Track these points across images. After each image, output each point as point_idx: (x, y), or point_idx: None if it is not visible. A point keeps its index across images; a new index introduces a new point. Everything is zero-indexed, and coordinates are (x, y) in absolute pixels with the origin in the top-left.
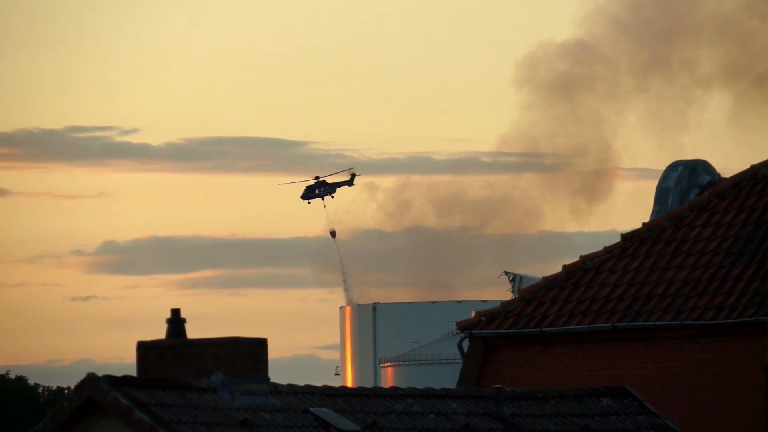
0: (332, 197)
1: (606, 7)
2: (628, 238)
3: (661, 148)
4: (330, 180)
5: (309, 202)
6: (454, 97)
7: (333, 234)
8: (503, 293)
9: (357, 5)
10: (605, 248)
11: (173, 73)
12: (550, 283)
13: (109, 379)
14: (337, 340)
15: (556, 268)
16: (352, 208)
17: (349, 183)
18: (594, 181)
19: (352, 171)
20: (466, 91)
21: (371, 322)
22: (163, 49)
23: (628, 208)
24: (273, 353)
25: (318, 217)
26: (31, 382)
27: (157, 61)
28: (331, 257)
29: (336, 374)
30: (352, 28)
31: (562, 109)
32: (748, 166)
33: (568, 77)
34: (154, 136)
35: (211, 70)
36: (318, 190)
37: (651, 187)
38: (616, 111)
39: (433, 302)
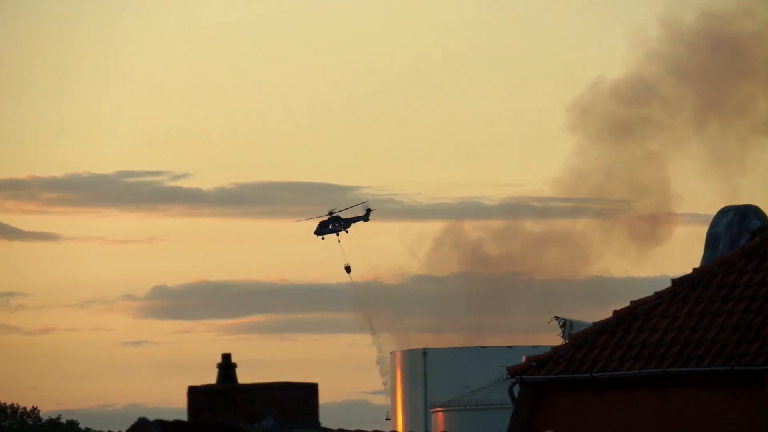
0: (346, 232)
1: (660, 50)
2: (678, 283)
3: (714, 193)
4: (344, 215)
5: (323, 238)
6: (505, 142)
7: (348, 269)
8: (554, 339)
9: (408, 51)
10: (656, 293)
11: (224, 119)
12: (600, 328)
13: (160, 423)
14: (388, 386)
15: (606, 314)
16: (402, 253)
17: (365, 218)
18: (646, 226)
19: (367, 206)
20: (517, 136)
21: (422, 367)
22: (214, 95)
23: (680, 253)
24: (323, 398)
25: (368, 262)
26: (83, 426)
27: (208, 106)
28: (381, 302)
29: (387, 419)
30: (402, 74)
31: (614, 154)
32: None
33: (621, 121)
34: (205, 181)
35: (262, 116)
36: (332, 225)
37: (703, 232)
38: (669, 155)
39: (484, 347)
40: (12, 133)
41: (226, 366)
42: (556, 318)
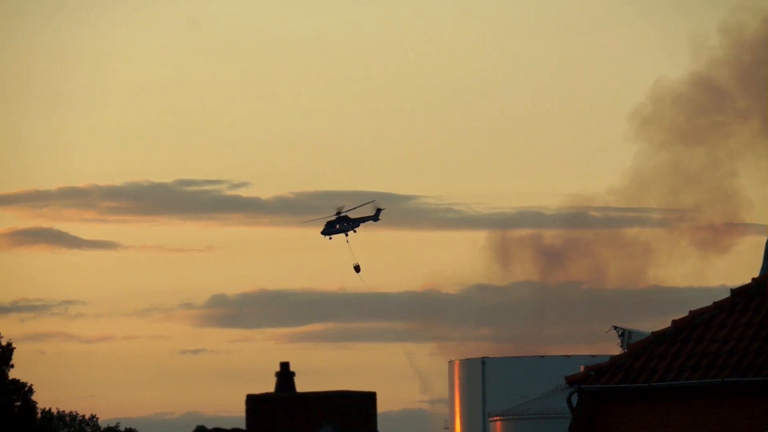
0: (354, 232)
1: (723, 57)
2: (737, 293)
3: None
4: (352, 215)
5: (330, 238)
6: (565, 150)
7: (357, 269)
8: (612, 348)
9: (468, 59)
10: (715, 303)
11: (282, 127)
12: (659, 338)
13: None
14: (446, 394)
15: (665, 323)
16: (462, 262)
17: (375, 218)
18: (707, 235)
19: (377, 205)
20: (577, 144)
21: (480, 376)
22: (273, 104)
23: (742, 262)
24: (382, 407)
25: (424, 271)
26: None
27: (267, 115)
28: (440, 311)
29: (445, 428)
30: (461, 82)
31: (676, 163)
32: None
33: (683, 129)
34: (264, 190)
35: (321, 125)
36: (339, 225)
37: (763, 241)
38: (734, 164)
39: (543, 356)
40: (72, 142)
41: (285, 374)
42: (615, 327)
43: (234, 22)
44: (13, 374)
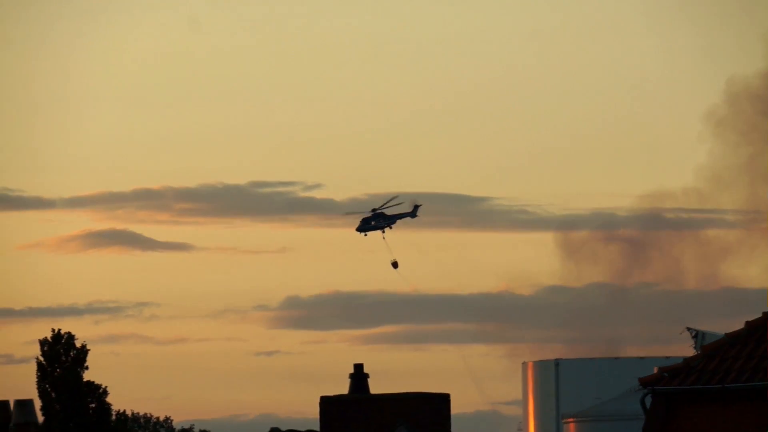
0: (390, 228)
1: None
2: None
3: None
4: (389, 212)
5: (365, 235)
6: (638, 152)
7: (395, 265)
8: (686, 349)
9: (540, 59)
10: None
11: (357, 128)
12: (732, 339)
13: None
14: (520, 396)
15: (738, 324)
16: (535, 263)
17: (412, 215)
18: None
19: (415, 202)
20: (650, 146)
21: (554, 377)
22: (347, 104)
23: None
24: (455, 408)
25: (497, 272)
26: None
27: (342, 116)
28: (513, 313)
29: (518, 430)
30: (533, 82)
31: (749, 162)
32: None
33: (759, 128)
34: (338, 191)
35: (394, 126)
36: (374, 221)
37: None
38: None
39: (616, 358)
40: (146, 144)
41: (359, 376)
42: (688, 329)
43: (315, 21)
44: (87, 376)
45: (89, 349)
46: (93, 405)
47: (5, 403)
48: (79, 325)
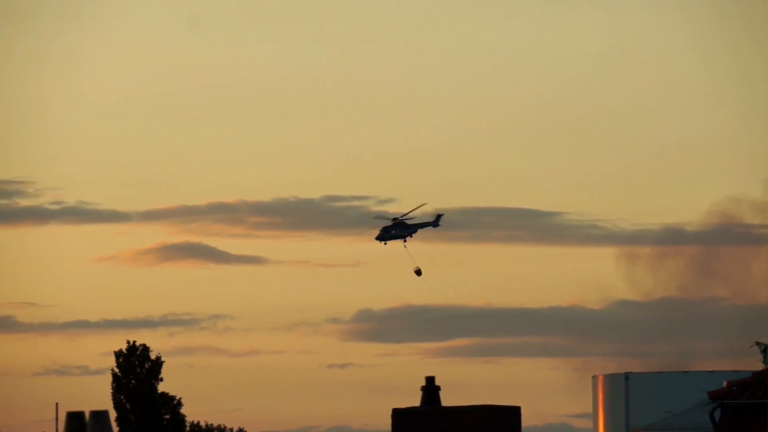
0: (411, 237)
1: None
2: None
3: None
4: (410, 221)
5: (385, 243)
6: (708, 167)
7: (418, 273)
8: (755, 364)
9: (612, 82)
10: None
11: (430, 142)
12: None
13: None
14: (590, 409)
15: None
16: (605, 278)
17: (434, 224)
18: None
19: (438, 211)
20: (720, 159)
21: (623, 391)
22: (420, 118)
23: None
24: (526, 421)
25: (568, 286)
26: None
27: (414, 130)
28: (583, 327)
29: None
30: (604, 99)
31: None
32: None
33: None
34: (410, 206)
35: (467, 140)
36: (395, 230)
37: None
38: None
39: (685, 372)
40: (221, 158)
41: (430, 389)
42: (758, 343)
43: (390, 37)
44: (162, 387)
45: (164, 361)
46: (167, 416)
47: (80, 414)
48: (153, 337)
